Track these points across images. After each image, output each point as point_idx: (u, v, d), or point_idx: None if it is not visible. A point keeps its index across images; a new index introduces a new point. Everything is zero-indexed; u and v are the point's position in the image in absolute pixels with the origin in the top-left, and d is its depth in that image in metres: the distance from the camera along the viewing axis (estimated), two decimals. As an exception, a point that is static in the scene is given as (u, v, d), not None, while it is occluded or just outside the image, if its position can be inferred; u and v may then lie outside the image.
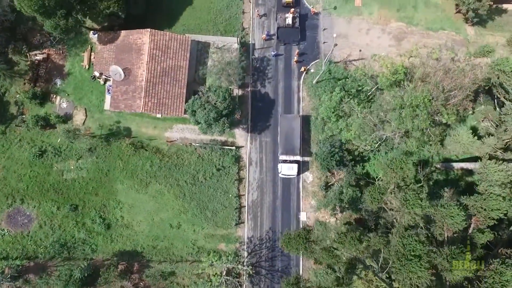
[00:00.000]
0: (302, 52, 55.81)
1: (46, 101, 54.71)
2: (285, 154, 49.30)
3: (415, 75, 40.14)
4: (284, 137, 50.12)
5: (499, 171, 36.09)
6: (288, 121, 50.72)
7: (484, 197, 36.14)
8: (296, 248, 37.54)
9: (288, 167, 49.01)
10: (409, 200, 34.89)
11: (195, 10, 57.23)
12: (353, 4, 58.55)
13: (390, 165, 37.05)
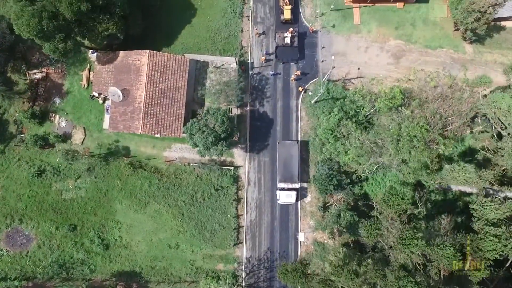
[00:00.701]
0: (300, 71, 55.83)
1: (45, 120, 54.84)
2: (284, 182, 49.25)
3: (412, 102, 40.20)
4: (282, 164, 50.03)
5: (495, 210, 36.09)
6: (287, 148, 50.64)
7: (480, 237, 36.16)
8: (293, 281, 37.66)
9: (287, 194, 48.99)
10: (405, 239, 34.88)
11: (194, 29, 57.31)
12: (351, 22, 58.61)
13: (387, 201, 37.10)
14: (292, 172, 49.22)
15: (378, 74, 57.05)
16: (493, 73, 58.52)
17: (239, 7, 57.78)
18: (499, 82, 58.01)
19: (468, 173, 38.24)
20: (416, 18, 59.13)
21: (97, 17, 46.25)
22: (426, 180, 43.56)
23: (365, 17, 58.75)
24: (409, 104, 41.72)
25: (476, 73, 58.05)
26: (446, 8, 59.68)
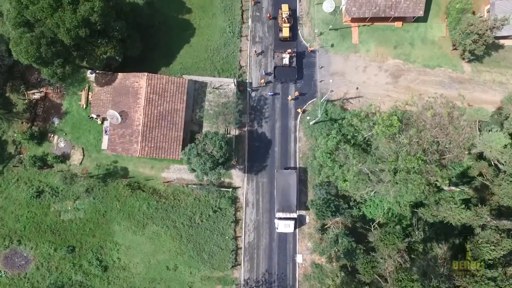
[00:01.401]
0: (299, 92, 55.88)
1: (43, 140, 54.92)
2: (282, 211, 49.23)
3: (410, 131, 40.22)
4: (280, 193, 50.04)
5: (491, 251, 36.11)
6: (285, 177, 50.61)
7: (476, 279, 36.21)
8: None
9: (285, 224, 48.96)
10: (401, 280, 34.86)
11: (193, 49, 57.33)
12: (350, 41, 58.64)
13: (383, 240, 37.14)
14: (290, 202, 49.18)
15: (377, 96, 57.23)
16: (491, 92, 58.68)
17: (237, 26, 57.83)
18: (497, 101, 58.25)
19: (464, 212, 38.26)
20: (414, 37, 59.17)
21: (96, 41, 46.28)
22: (423, 212, 43.64)
23: (364, 36, 58.79)
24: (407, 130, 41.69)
25: (475, 92, 58.32)
26: (444, 27, 59.74)
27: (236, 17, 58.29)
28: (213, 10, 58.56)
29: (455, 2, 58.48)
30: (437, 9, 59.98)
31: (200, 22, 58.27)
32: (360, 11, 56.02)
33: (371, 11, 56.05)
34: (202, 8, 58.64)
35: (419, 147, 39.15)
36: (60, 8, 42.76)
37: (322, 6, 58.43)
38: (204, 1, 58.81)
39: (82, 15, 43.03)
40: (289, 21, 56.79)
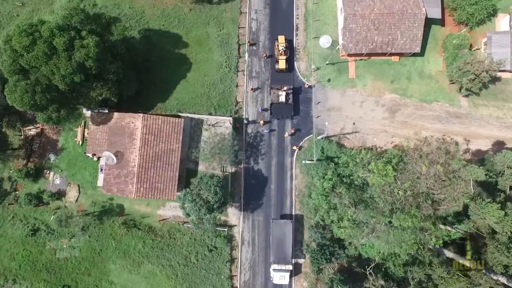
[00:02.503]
0: (295, 128, 55.80)
1: (39, 177, 54.87)
2: (277, 263, 49.07)
3: (404, 184, 40.11)
4: (276, 244, 49.86)
5: None
6: (280, 227, 50.44)
7: None
8: None
9: (280, 276, 48.83)
10: None
11: (189, 84, 57.26)
12: (347, 76, 58.55)
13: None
14: (286, 253, 49.07)
15: (373, 132, 57.19)
16: (488, 126, 58.65)
17: (234, 61, 57.74)
18: (493, 136, 58.25)
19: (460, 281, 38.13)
20: (411, 72, 59.07)
21: (91, 84, 46.19)
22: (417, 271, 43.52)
23: (361, 71, 58.70)
24: (402, 180, 41.60)
25: (472, 127, 58.27)
26: (441, 61, 59.63)
27: (233, 52, 58.23)
28: (210, 44, 58.47)
29: (452, 37, 58.41)
30: (434, 43, 59.87)
31: (196, 56, 58.18)
32: (356, 47, 55.93)
33: (368, 48, 55.98)
34: (199, 42, 58.56)
35: (414, 201, 39.05)
36: (55, 55, 42.66)
37: (319, 41, 58.63)
38: (200, 35, 58.75)
39: (77, 61, 42.97)
40: (285, 53, 56.73)
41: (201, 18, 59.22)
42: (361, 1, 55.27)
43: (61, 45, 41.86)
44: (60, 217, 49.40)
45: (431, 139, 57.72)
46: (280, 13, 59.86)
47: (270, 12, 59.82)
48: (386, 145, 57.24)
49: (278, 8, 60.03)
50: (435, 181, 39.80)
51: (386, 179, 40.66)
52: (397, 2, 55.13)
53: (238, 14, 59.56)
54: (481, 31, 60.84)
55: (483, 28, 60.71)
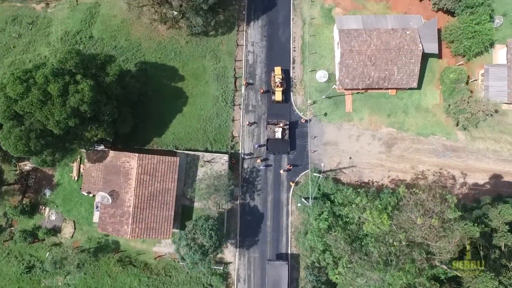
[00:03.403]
0: (291, 164, 55.66)
1: (35, 212, 54.82)
2: None
3: (400, 235, 39.95)
4: (271, 285, 49.80)
5: None
6: (276, 269, 50.28)
7: None
8: None
9: None
10: None
11: (185, 118, 57.11)
12: (343, 109, 58.38)
13: None
14: None
15: (370, 166, 57.10)
16: (485, 160, 58.48)
17: (230, 95, 57.61)
18: (490, 169, 58.11)
19: None
20: (408, 105, 58.91)
21: (86, 127, 46.06)
22: None
23: (357, 104, 58.54)
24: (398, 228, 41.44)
25: (469, 160, 58.11)
26: (438, 94, 59.47)
27: (229, 85, 58.10)
28: (206, 77, 58.36)
29: (449, 71, 58.26)
30: (431, 76, 59.73)
31: (193, 90, 58.05)
32: (353, 82, 55.81)
33: (365, 83, 55.85)
34: (195, 75, 58.44)
35: (409, 253, 38.91)
36: (50, 101, 42.52)
37: (315, 74, 58.48)
38: (197, 68, 58.62)
39: (71, 106, 42.85)
40: (282, 85, 56.60)
41: (198, 51, 59.10)
42: (358, 37, 55.15)
43: (56, 91, 41.75)
44: (54, 258, 49.28)
45: (428, 173, 58.22)
46: (277, 45, 59.75)
47: (267, 45, 59.71)
48: (383, 180, 57.12)
49: (275, 41, 59.91)
50: (430, 232, 39.63)
51: (382, 228, 40.49)
52: (394, 38, 55.00)
53: (234, 46, 59.44)
54: (478, 62, 60.75)
55: (481, 59, 60.61)
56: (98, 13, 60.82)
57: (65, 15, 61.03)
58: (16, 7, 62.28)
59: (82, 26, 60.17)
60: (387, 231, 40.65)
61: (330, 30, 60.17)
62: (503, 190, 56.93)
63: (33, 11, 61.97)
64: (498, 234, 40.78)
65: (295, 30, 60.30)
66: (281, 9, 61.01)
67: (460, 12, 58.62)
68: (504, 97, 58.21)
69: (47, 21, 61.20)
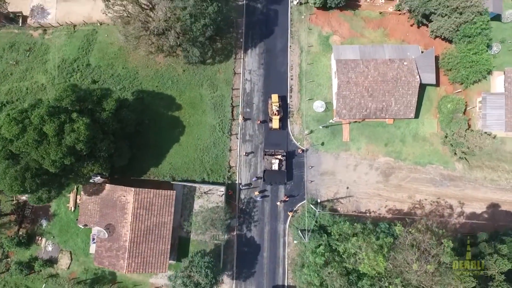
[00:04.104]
0: (288, 195, 55.58)
1: (31, 243, 54.70)
2: None
3: (395, 280, 39.89)
4: None
5: None
6: None
7: None
8: None
9: None
10: None
11: (182, 148, 57.02)
12: (341, 139, 58.28)
13: None
14: None
15: (367, 196, 57.05)
16: (483, 189, 58.46)
17: (227, 124, 57.53)
18: (488, 198, 58.03)
19: None
20: (406, 134, 58.82)
21: (82, 164, 45.99)
22: None
23: (355, 134, 58.45)
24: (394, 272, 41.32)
25: (466, 189, 58.02)
26: (436, 123, 59.40)
27: (227, 114, 58.02)
28: (203, 106, 58.28)
29: (446, 101, 58.25)
30: (428, 104, 59.65)
31: (190, 119, 57.96)
32: (350, 113, 55.73)
33: (362, 114, 55.78)
34: (192, 104, 58.36)
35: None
36: (45, 140, 42.43)
37: (313, 104, 58.38)
38: (194, 97, 58.55)
39: (67, 145, 42.78)
40: (279, 112, 56.53)
41: (195, 79, 59.03)
42: (355, 67, 55.07)
43: (51, 131, 41.66)
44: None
45: (425, 203, 58.10)
46: (274, 74, 59.69)
47: (265, 73, 59.66)
48: (380, 209, 57.06)
49: (272, 69, 59.85)
50: (425, 276, 39.55)
51: (377, 269, 40.41)
52: (391, 69, 54.91)
53: (232, 75, 59.37)
54: (476, 89, 60.77)
55: (479, 86, 60.63)
56: (95, 40, 60.75)
57: (62, 42, 60.95)
58: (14, 33, 62.18)
59: (79, 54, 60.09)
60: (383, 274, 40.54)
61: (328, 58, 60.10)
62: (501, 221, 56.97)
63: (31, 37, 61.89)
64: (494, 283, 40.69)
65: (293, 58, 60.22)
66: (279, 37, 60.98)
67: (457, 41, 58.56)
68: (502, 126, 58.20)
69: (44, 48, 61.12)
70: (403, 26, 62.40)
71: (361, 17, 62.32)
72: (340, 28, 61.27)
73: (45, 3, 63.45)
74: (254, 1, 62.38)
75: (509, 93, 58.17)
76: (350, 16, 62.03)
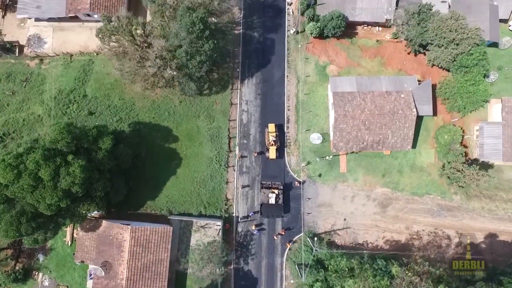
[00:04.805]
0: (285, 228, 55.48)
1: (28, 278, 54.56)
2: None
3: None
4: None
5: None
6: None
7: None
8: None
9: None
10: None
11: (179, 180, 56.91)
12: (338, 170, 58.17)
13: None
14: None
15: (364, 227, 56.99)
16: (481, 219, 58.49)
17: (224, 156, 57.43)
18: (486, 228, 57.98)
19: None
20: (403, 164, 58.75)
21: (78, 205, 45.91)
22: None
23: (352, 165, 58.36)
24: None
25: (464, 219, 57.96)
26: (433, 153, 59.35)
27: (223, 146, 57.92)
28: (200, 138, 58.19)
29: (443, 132, 58.19)
30: (426, 135, 59.59)
31: (186, 151, 57.86)
32: (347, 146, 55.68)
33: (359, 146, 55.73)
34: (189, 136, 58.26)
35: None
36: (41, 185, 42.34)
37: (309, 136, 58.25)
38: (191, 128, 58.46)
39: (63, 189, 42.69)
40: (275, 143, 56.46)
41: (192, 110, 58.96)
42: (352, 100, 55.00)
43: (47, 176, 41.56)
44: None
45: (423, 233, 57.99)
46: (271, 104, 59.61)
47: (261, 103, 59.57)
48: (377, 241, 56.99)
49: (269, 99, 59.78)
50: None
51: (374, 314, 40.33)
52: (388, 102, 54.85)
53: (228, 105, 59.29)
54: (473, 117, 60.88)
55: (476, 114, 60.71)
56: (92, 70, 60.63)
57: (58, 73, 60.82)
58: (10, 63, 62.04)
59: (75, 84, 59.98)
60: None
61: (325, 88, 60.03)
62: (499, 251, 56.89)
63: (27, 67, 61.75)
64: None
65: (290, 88, 60.15)
66: (276, 66, 60.92)
67: (454, 71, 58.52)
68: (499, 156, 58.17)
69: (41, 78, 60.99)
70: (400, 54, 62.33)
71: (358, 45, 62.23)
72: (337, 58, 61.19)
73: (42, 32, 63.30)
74: (251, 30, 62.31)
75: (506, 123, 58.18)
76: (347, 45, 61.94)
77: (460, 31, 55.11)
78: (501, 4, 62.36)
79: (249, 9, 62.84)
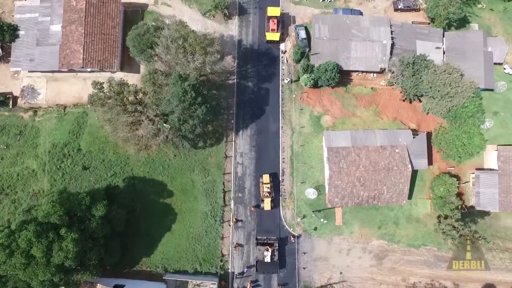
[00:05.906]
0: (281, 285, 55.28)
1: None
2: None
3: None
4: None
5: None
6: None
7: None
8: None
9: None
10: None
11: (174, 236, 56.72)
12: (333, 223, 57.96)
13: None
14: None
15: (361, 280, 56.84)
16: (477, 271, 58.02)
17: (219, 211, 57.22)
18: (483, 279, 57.83)
19: None
20: (399, 216, 58.55)
21: (71, 275, 45.75)
22: None
23: (348, 217, 58.17)
24: None
25: (461, 271, 57.68)
26: (429, 204, 59.11)
27: (218, 200, 57.70)
28: (195, 193, 57.99)
29: (439, 183, 57.67)
30: (421, 185, 59.38)
31: (181, 206, 57.67)
32: (342, 201, 55.46)
33: (354, 202, 55.49)
34: (184, 190, 58.06)
35: None
36: (33, 261, 42.19)
37: (305, 190, 57.97)
38: (185, 183, 58.24)
39: (56, 264, 42.54)
40: (270, 194, 56.35)
41: (186, 164, 58.74)
42: (347, 156, 54.78)
43: (39, 253, 41.40)
44: None
45: (419, 285, 57.80)
46: (266, 156, 59.38)
47: (256, 156, 59.35)
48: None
49: (264, 151, 59.54)
50: None
51: None
52: (383, 157, 54.63)
53: (223, 158, 59.05)
54: (469, 163, 60.68)
55: (472, 161, 60.45)
56: (86, 123, 60.41)
57: (52, 126, 60.56)
58: (4, 116, 61.76)
59: (69, 138, 59.76)
60: None
61: (319, 139, 59.76)
62: (496, 304, 56.83)
63: (21, 120, 61.47)
64: None
65: (284, 139, 59.91)
66: (270, 117, 60.68)
67: (449, 121, 58.33)
68: (496, 205, 57.88)
69: (35, 131, 60.73)
70: (395, 101, 62.04)
71: (353, 93, 61.98)
72: (332, 108, 60.92)
73: (35, 83, 63.08)
74: (245, 79, 62.09)
75: (502, 172, 57.91)
76: (341, 94, 61.69)
77: (454, 85, 54.90)
78: (495, 49, 62.18)
79: (243, 58, 62.60)
